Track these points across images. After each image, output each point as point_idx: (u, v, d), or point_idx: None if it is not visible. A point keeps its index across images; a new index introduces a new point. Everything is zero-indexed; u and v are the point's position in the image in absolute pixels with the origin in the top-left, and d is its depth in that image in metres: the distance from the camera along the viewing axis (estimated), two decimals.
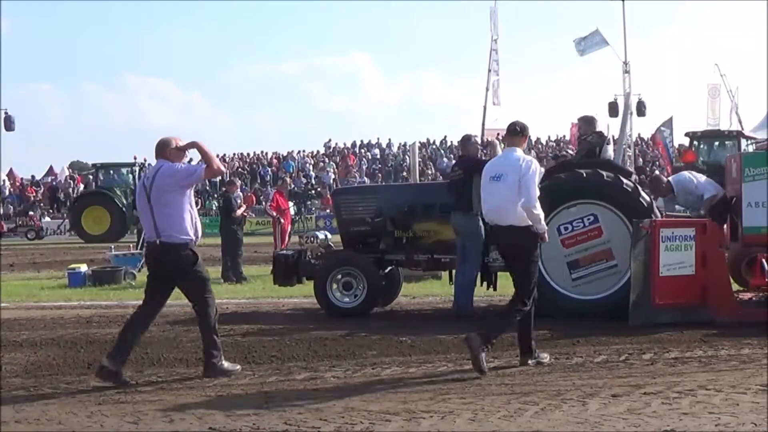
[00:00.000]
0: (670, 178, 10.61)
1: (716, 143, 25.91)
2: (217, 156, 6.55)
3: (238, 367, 6.64)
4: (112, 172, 30.29)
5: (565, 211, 8.94)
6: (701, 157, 25.11)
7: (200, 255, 6.56)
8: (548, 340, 7.74)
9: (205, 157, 6.56)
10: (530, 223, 6.48)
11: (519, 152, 6.71)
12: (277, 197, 15.66)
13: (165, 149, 6.53)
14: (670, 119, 28.73)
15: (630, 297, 8.37)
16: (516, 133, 6.84)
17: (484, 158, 9.47)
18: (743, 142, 23.41)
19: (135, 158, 34.36)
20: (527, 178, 6.46)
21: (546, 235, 6.68)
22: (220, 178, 27.13)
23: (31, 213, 33.54)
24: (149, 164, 37.18)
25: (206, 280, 6.61)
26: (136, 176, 28.11)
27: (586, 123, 9.86)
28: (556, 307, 8.67)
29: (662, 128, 28.28)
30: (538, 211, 6.48)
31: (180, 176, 6.42)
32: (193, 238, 6.49)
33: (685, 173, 10.61)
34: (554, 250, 8.85)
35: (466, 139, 9.89)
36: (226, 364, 6.54)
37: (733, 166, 9.48)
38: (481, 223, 9.23)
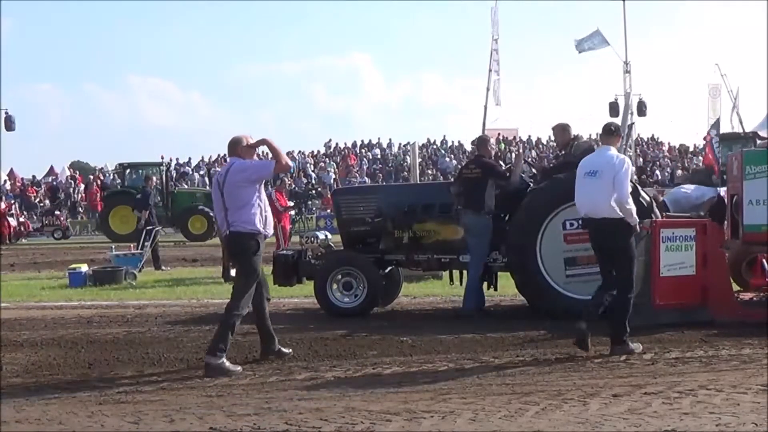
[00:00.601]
0: (664, 198, 10.73)
1: (734, 145, 25.96)
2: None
3: (239, 368, 6.64)
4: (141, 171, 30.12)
5: (571, 208, 8.90)
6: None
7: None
8: (548, 340, 7.75)
9: (274, 153, 6.83)
10: (622, 215, 7.02)
11: (613, 150, 7.28)
12: (276, 197, 15.63)
13: (236, 147, 6.85)
14: (717, 120, 28.76)
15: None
16: (611, 133, 7.45)
17: (503, 164, 9.49)
18: (759, 143, 23.44)
19: (162, 158, 34.47)
20: (621, 175, 7.04)
21: (638, 226, 7.20)
22: None
23: (57, 212, 33.56)
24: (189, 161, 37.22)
25: (254, 274, 6.76)
26: (163, 176, 28.06)
27: (562, 131, 9.61)
28: (544, 299, 8.85)
29: (711, 130, 28.21)
30: (630, 206, 7.08)
31: (250, 172, 6.75)
32: (261, 230, 6.74)
33: (677, 190, 10.70)
34: (556, 243, 8.94)
35: (483, 140, 10.05)
36: (227, 364, 6.55)
37: (734, 164, 9.48)
38: (490, 223, 9.24)
